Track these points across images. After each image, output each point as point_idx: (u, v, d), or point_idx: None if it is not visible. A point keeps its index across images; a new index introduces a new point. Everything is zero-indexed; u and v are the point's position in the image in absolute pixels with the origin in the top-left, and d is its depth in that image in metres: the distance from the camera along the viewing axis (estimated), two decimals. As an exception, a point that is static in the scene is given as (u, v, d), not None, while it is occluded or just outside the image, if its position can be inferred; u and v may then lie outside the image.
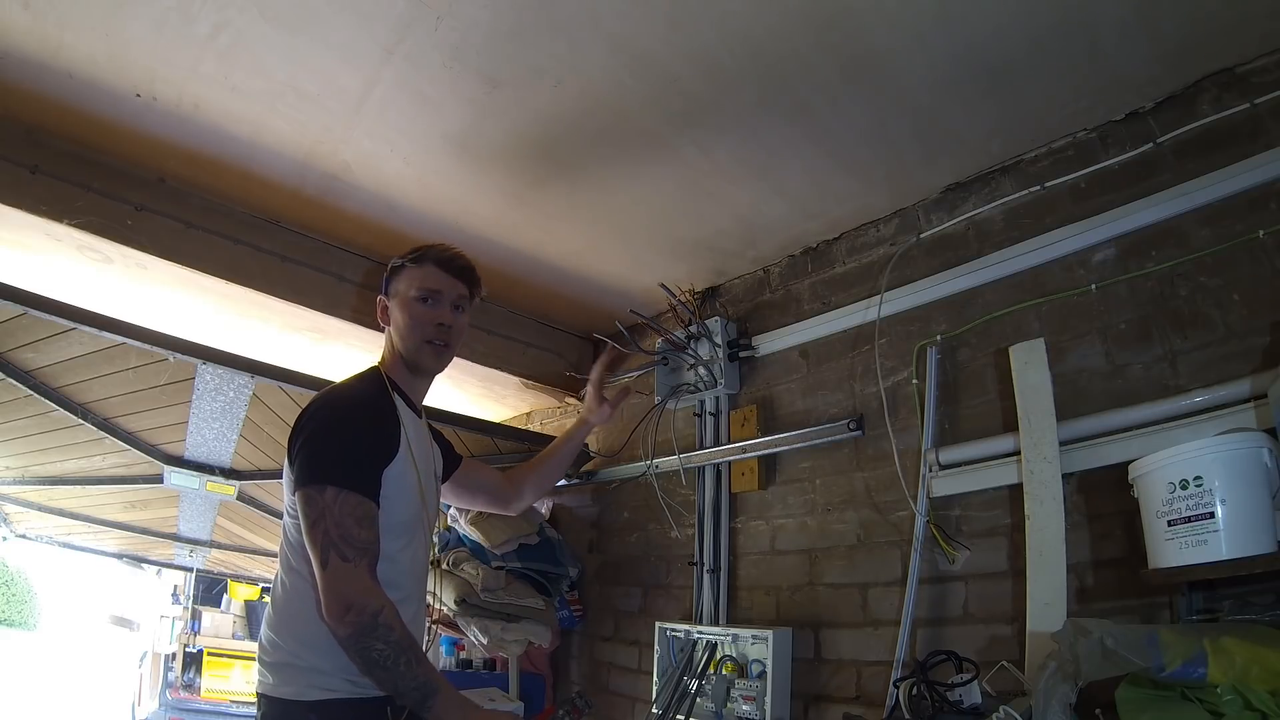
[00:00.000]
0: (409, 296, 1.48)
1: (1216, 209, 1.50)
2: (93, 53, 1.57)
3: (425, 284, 1.47)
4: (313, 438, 1.32)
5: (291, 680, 1.29)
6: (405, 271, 1.50)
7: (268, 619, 1.37)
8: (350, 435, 1.34)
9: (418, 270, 1.49)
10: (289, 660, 1.30)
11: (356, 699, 1.28)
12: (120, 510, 5.15)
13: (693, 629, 2.25)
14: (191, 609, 9.12)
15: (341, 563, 1.23)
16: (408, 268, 1.50)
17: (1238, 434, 1.26)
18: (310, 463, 1.30)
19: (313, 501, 1.26)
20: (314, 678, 1.28)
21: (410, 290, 1.48)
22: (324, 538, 1.24)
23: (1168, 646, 1.09)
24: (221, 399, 3.07)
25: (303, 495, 1.28)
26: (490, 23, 1.45)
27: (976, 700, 1.41)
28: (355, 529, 1.26)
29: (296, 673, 1.29)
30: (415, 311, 1.47)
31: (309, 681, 1.28)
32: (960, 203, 1.94)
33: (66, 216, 1.85)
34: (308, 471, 1.29)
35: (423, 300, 1.47)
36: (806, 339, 2.24)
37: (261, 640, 1.36)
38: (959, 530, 1.77)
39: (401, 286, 1.50)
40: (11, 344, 2.61)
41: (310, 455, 1.30)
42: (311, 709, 1.27)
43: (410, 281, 1.49)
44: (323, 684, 1.28)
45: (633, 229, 2.20)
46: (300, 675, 1.29)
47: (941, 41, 1.47)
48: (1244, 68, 1.50)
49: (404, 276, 1.50)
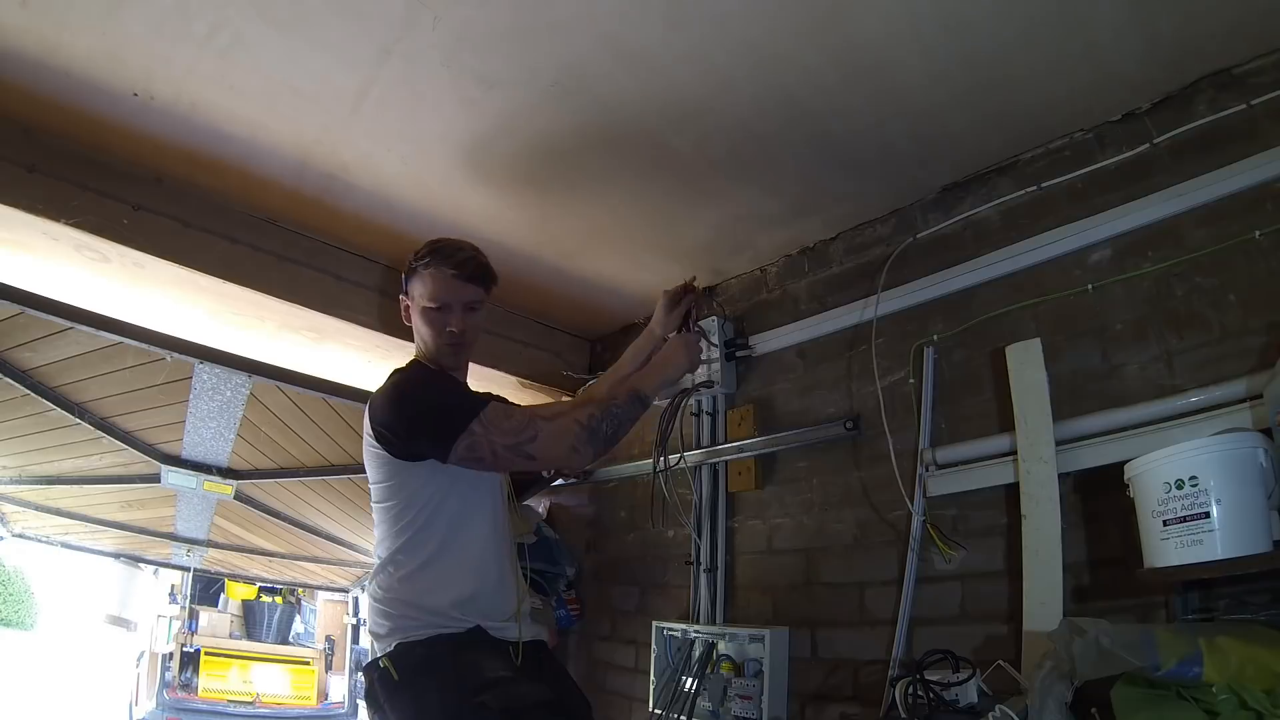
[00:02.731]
0: (421, 304, 1.54)
1: (1213, 209, 1.50)
2: (90, 52, 1.57)
3: (437, 293, 1.52)
4: (422, 411, 1.44)
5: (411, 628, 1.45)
6: (419, 276, 1.54)
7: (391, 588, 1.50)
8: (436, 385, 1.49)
9: (429, 276, 1.53)
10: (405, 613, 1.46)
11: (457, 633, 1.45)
12: (117, 509, 5.15)
13: (690, 628, 2.25)
14: (189, 608, 9.11)
15: (533, 441, 1.42)
16: (420, 272, 1.54)
17: (1233, 434, 1.27)
18: (439, 426, 1.41)
19: (478, 447, 1.39)
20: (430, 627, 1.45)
21: (424, 298, 1.53)
22: (504, 448, 1.40)
23: (1163, 646, 1.09)
24: (219, 398, 3.07)
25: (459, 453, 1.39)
26: (487, 23, 1.45)
27: (973, 699, 1.41)
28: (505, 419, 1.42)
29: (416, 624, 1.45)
30: (430, 318, 1.53)
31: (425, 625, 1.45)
32: (957, 203, 1.94)
33: (64, 215, 1.85)
34: (442, 433, 1.40)
35: (435, 308, 1.52)
36: (804, 339, 2.24)
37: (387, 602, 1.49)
38: (955, 530, 1.77)
39: (416, 291, 1.55)
40: (9, 343, 2.61)
41: (432, 422, 1.42)
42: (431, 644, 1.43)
43: (423, 287, 1.53)
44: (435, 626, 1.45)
45: (630, 228, 2.20)
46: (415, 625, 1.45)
47: (939, 41, 1.47)
48: (1240, 69, 1.50)
49: (418, 280, 1.55)
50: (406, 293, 1.58)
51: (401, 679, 1.40)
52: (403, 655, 1.42)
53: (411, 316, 1.58)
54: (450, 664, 1.41)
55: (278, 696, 8.95)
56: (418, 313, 1.55)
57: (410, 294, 1.57)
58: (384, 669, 1.42)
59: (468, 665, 1.41)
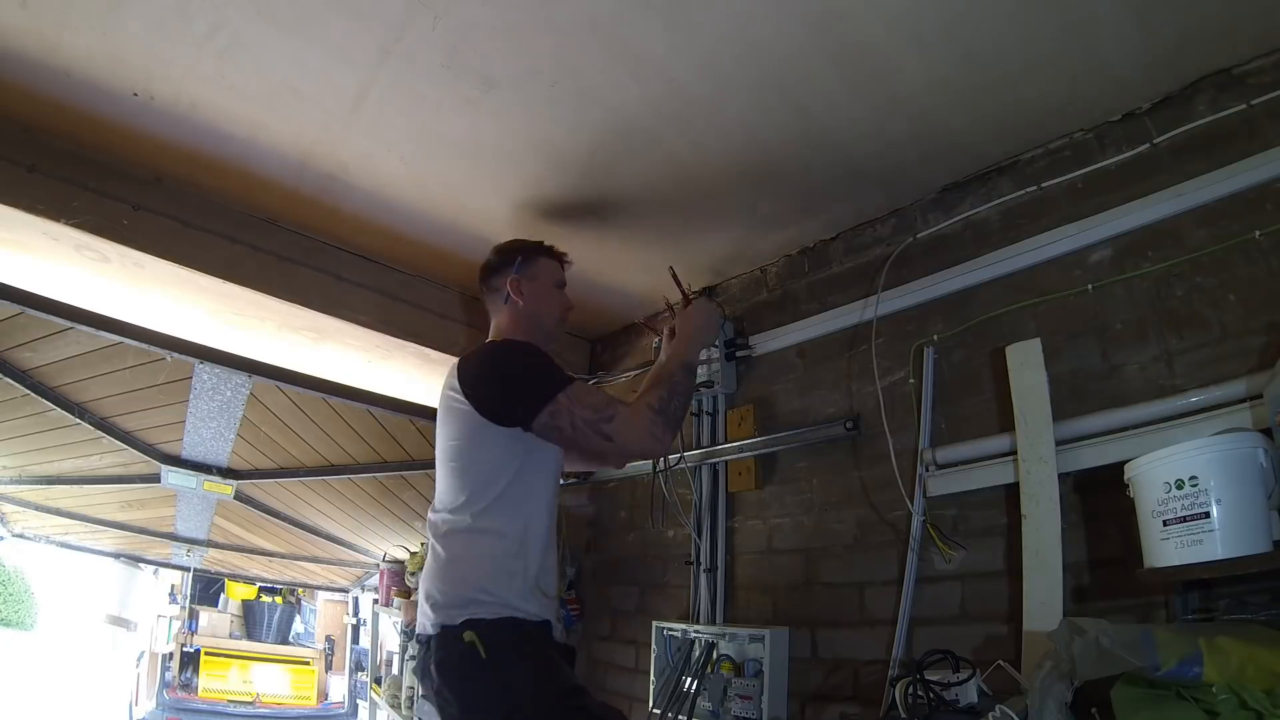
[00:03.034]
0: (550, 282, 1.80)
1: (1213, 209, 1.50)
2: (90, 52, 1.57)
3: (561, 276, 1.83)
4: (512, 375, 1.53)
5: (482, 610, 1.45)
6: (543, 260, 1.80)
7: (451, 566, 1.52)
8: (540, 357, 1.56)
9: (554, 263, 1.82)
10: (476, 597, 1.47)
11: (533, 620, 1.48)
12: (117, 509, 5.15)
13: (690, 628, 2.25)
14: (189, 608, 9.12)
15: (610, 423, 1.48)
16: (542, 258, 1.80)
17: (1233, 434, 1.26)
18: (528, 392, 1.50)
19: (559, 415, 1.47)
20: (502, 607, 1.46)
21: (551, 277, 1.80)
22: (585, 425, 1.47)
23: (1163, 646, 1.09)
24: (219, 398, 3.07)
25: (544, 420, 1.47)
26: (487, 23, 1.45)
27: (973, 699, 1.41)
28: (590, 396, 1.50)
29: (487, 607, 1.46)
30: (558, 296, 1.81)
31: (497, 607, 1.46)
32: (957, 203, 1.94)
33: (64, 215, 1.85)
34: (531, 399, 1.48)
35: (560, 286, 1.82)
36: (803, 339, 2.24)
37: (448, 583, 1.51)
38: (955, 530, 1.77)
39: (543, 271, 1.79)
40: (9, 343, 2.61)
41: (522, 387, 1.51)
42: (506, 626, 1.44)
43: (551, 269, 1.81)
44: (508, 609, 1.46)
45: (630, 228, 2.20)
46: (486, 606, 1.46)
47: (939, 42, 1.47)
48: (1240, 69, 1.50)
49: (542, 264, 1.79)
50: (521, 273, 1.75)
51: (490, 658, 1.38)
52: (489, 634, 1.41)
53: (523, 292, 1.73)
54: (543, 656, 1.46)
55: (278, 696, 8.96)
56: (542, 290, 1.76)
57: (535, 274, 1.76)
58: (469, 644, 1.39)
59: (553, 660, 1.46)
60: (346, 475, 4.09)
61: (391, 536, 5.18)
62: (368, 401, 2.93)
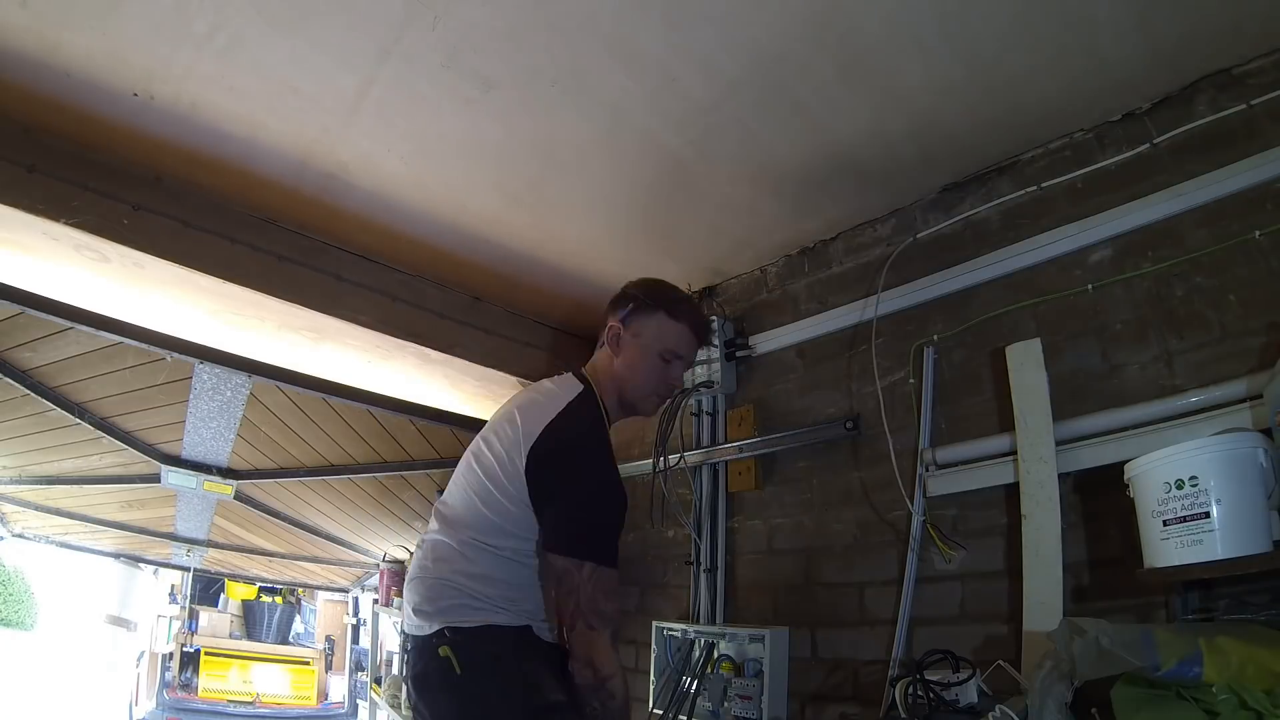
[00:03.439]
0: (655, 348, 1.52)
1: (1213, 209, 1.50)
2: (90, 52, 1.57)
3: (677, 346, 1.53)
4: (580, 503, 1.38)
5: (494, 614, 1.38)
6: (658, 318, 1.52)
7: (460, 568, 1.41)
8: (607, 509, 1.40)
9: (672, 326, 1.53)
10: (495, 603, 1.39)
11: None
12: (117, 510, 5.14)
13: (690, 628, 2.25)
14: (189, 608, 9.12)
15: (587, 630, 1.33)
16: (660, 316, 1.52)
17: (1233, 434, 1.26)
18: (572, 532, 1.36)
19: (569, 574, 1.33)
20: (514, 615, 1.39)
21: (659, 343, 1.52)
22: (575, 606, 1.33)
23: (1163, 646, 1.09)
24: (219, 398, 3.07)
25: (562, 562, 1.34)
26: (487, 23, 1.45)
27: (973, 699, 1.41)
28: (604, 602, 1.34)
29: (499, 613, 1.39)
30: (656, 365, 1.52)
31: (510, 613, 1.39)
32: (957, 203, 1.94)
33: (64, 215, 1.85)
34: (569, 542, 1.35)
35: (665, 359, 1.52)
36: (803, 339, 2.24)
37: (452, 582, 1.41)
38: (955, 530, 1.77)
39: (649, 331, 1.52)
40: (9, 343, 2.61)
41: (571, 522, 1.36)
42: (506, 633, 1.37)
43: (662, 334, 1.52)
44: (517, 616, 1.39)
45: (630, 229, 2.20)
46: (499, 611, 1.38)
47: (938, 41, 1.47)
48: (1240, 69, 1.50)
49: (655, 322, 1.52)
50: (625, 322, 1.53)
51: (464, 674, 1.35)
52: (462, 647, 1.37)
53: (625, 348, 1.52)
54: (514, 673, 1.38)
55: (278, 696, 8.96)
56: (643, 353, 1.51)
57: (640, 329, 1.52)
58: (444, 659, 1.36)
59: (530, 677, 1.38)
60: (346, 475, 4.09)
61: (391, 536, 5.17)
62: (368, 401, 2.93)
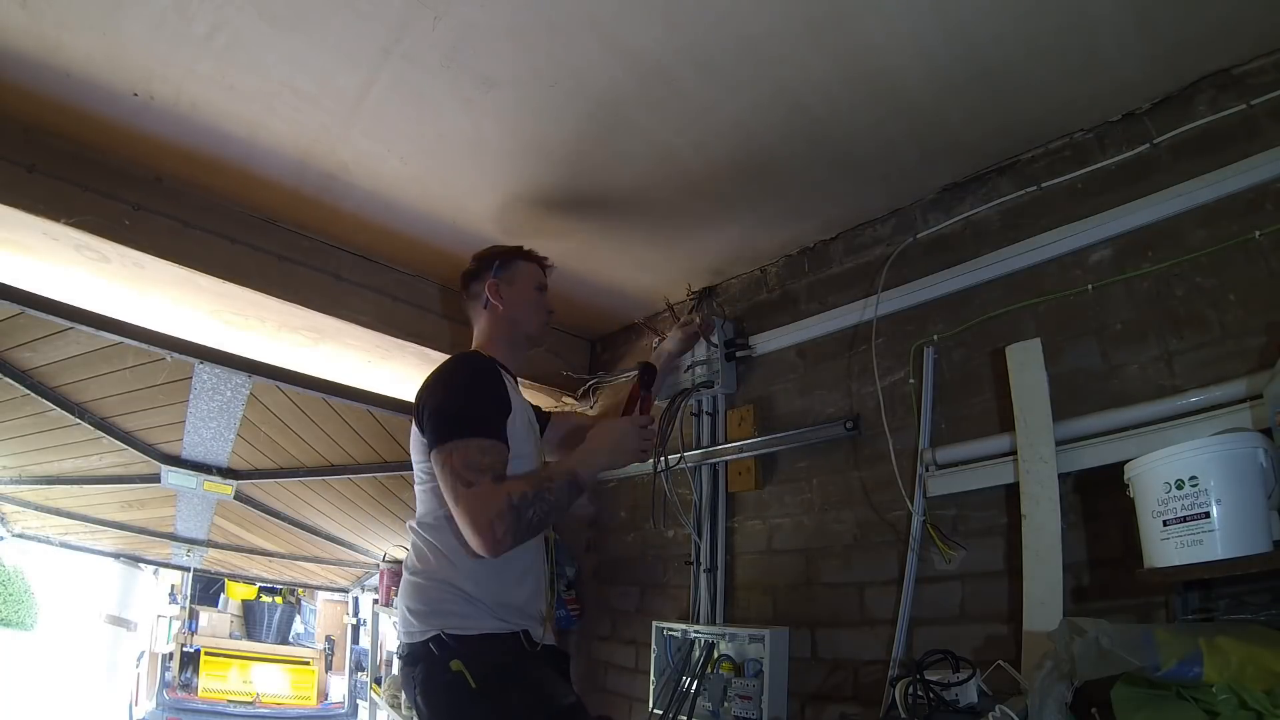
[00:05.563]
0: (531, 284, 1.79)
1: (1213, 210, 1.50)
2: (90, 52, 1.57)
3: (542, 279, 1.83)
4: (438, 407, 1.48)
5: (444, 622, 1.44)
6: (523, 265, 1.80)
7: (422, 575, 1.50)
8: (470, 395, 1.50)
9: (534, 267, 1.82)
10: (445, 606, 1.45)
11: (503, 633, 1.45)
12: (117, 510, 5.14)
13: (690, 628, 2.25)
14: (189, 608, 9.12)
15: (466, 489, 1.36)
16: (522, 262, 1.80)
17: (1233, 434, 1.27)
18: (438, 427, 1.45)
19: (444, 466, 1.40)
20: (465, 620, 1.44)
21: (533, 279, 1.80)
22: (452, 478, 1.38)
23: (1163, 646, 1.09)
24: (219, 398, 3.07)
25: (435, 457, 1.42)
26: (487, 23, 1.45)
27: (973, 699, 1.41)
28: (478, 457, 1.40)
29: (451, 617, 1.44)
30: (537, 300, 1.80)
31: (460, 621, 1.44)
32: (957, 203, 1.94)
33: (64, 216, 1.85)
34: (433, 436, 1.44)
35: (540, 290, 1.81)
36: (803, 339, 2.24)
37: (420, 591, 1.49)
38: (955, 530, 1.77)
39: (521, 275, 1.79)
40: (9, 343, 2.61)
41: (437, 420, 1.46)
42: (460, 642, 1.42)
43: (531, 272, 1.81)
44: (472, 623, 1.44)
45: (630, 228, 2.20)
46: (451, 617, 1.44)
47: (938, 41, 1.47)
48: (1240, 69, 1.50)
49: (521, 267, 1.80)
50: (499, 276, 1.75)
51: (480, 689, 1.37)
52: (473, 660, 1.39)
53: (506, 294, 1.74)
54: (529, 680, 1.42)
55: (278, 696, 8.96)
56: (523, 293, 1.76)
57: (512, 278, 1.76)
58: (457, 673, 1.38)
59: (541, 684, 1.43)
60: (346, 475, 4.09)
61: (391, 536, 5.17)
62: (368, 401, 2.93)
